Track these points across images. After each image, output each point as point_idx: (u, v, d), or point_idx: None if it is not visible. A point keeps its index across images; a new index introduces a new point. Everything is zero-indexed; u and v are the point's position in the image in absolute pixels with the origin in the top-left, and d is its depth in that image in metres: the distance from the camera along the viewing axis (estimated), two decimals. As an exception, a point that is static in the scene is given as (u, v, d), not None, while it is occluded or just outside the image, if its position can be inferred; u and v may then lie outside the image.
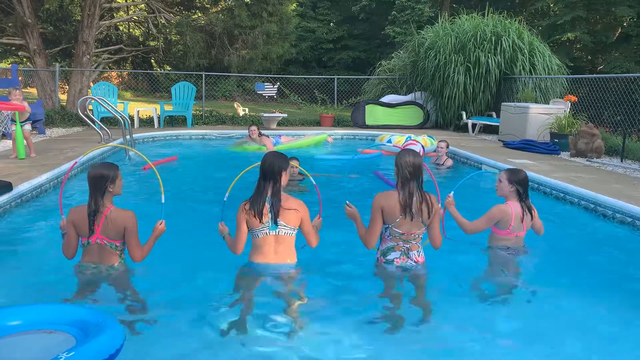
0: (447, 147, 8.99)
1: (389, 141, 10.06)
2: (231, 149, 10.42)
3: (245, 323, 3.17)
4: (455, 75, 13.52)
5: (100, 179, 3.47)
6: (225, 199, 3.71)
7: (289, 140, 10.97)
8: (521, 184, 4.15)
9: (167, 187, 3.93)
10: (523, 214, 4.13)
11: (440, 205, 3.83)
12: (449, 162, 8.89)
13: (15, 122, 7.67)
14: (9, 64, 19.93)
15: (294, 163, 7.07)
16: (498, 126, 12.46)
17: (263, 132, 10.73)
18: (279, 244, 3.53)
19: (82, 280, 3.55)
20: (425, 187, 3.61)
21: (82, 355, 2.18)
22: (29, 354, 2.40)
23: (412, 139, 9.83)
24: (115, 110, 10.07)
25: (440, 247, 3.69)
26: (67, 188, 6.65)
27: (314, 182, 3.92)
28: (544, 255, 4.60)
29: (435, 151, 9.29)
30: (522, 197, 4.15)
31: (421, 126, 14.41)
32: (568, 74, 14.22)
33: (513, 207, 4.14)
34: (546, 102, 12.78)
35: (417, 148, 9.26)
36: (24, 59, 17.90)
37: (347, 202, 3.79)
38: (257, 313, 3.28)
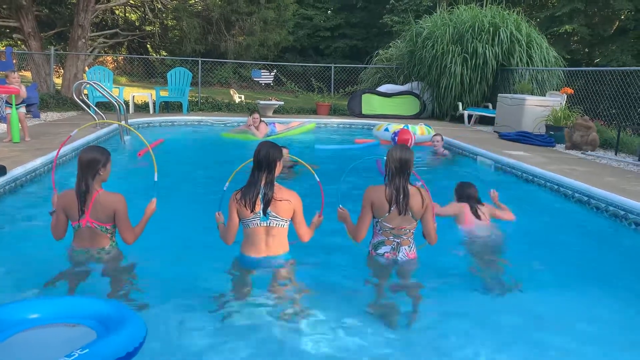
0: (442, 139, 9.17)
1: (386, 130, 10.07)
2: (230, 135, 10.34)
3: (236, 314, 3.18)
4: (453, 66, 13.50)
5: (93, 161, 3.46)
6: (225, 188, 3.69)
7: (283, 128, 10.95)
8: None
9: (163, 177, 3.94)
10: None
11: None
12: (446, 153, 9.11)
13: (9, 105, 7.63)
14: (4, 46, 19.75)
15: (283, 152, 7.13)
16: (494, 117, 12.47)
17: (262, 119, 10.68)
18: (270, 235, 3.49)
19: (73, 265, 3.56)
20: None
21: (97, 353, 2.12)
22: (50, 347, 2.34)
23: (409, 127, 9.82)
24: (111, 95, 10.02)
25: (436, 242, 3.68)
26: (63, 172, 6.63)
27: (318, 179, 3.81)
28: (535, 247, 4.65)
29: (431, 140, 9.40)
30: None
31: (417, 116, 14.40)
32: (565, 67, 14.21)
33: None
34: (542, 94, 12.80)
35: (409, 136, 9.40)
36: (19, 42, 17.70)
37: (340, 205, 3.77)
38: (249, 305, 3.28)
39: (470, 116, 13.38)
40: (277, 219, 3.46)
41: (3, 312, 2.48)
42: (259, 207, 3.41)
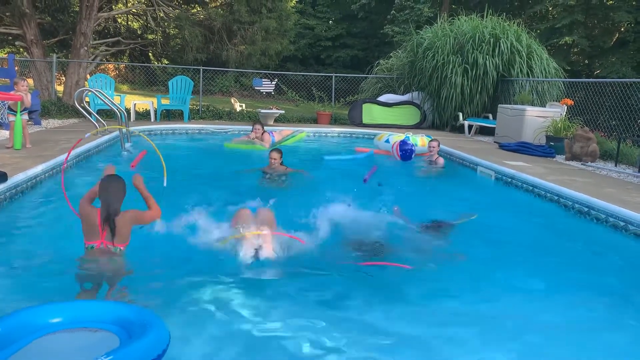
0: (439, 145, 9.12)
1: (387, 141, 10.08)
2: (234, 146, 10.15)
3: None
4: (453, 76, 13.55)
5: (122, 190, 3.63)
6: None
7: (279, 137, 10.95)
8: None
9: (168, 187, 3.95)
10: None
11: None
12: (441, 161, 8.99)
13: (11, 112, 7.65)
14: (6, 53, 19.82)
15: (274, 155, 7.15)
16: (494, 128, 12.50)
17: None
18: None
19: (80, 272, 3.58)
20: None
21: None
22: (72, 353, 2.33)
23: (410, 138, 9.82)
24: (112, 102, 10.04)
25: None
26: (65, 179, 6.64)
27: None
28: (535, 256, 4.65)
29: (428, 151, 9.37)
30: None
31: (418, 126, 14.43)
32: (565, 78, 14.26)
33: None
34: (543, 105, 12.83)
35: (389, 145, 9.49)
36: (21, 49, 17.77)
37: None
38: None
39: (470, 126, 13.41)
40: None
41: (25, 316, 2.46)
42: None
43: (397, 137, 10.05)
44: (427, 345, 3.04)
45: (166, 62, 22.36)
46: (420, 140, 9.95)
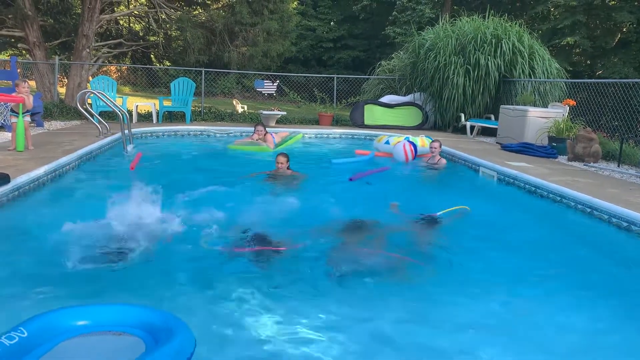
0: (440, 146, 9.08)
1: (387, 142, 10.07)
2: (238, 147, 10.08)
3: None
4: (455, 77, 13.54)
5: None
6: None
7: (279, 139, 10.95)
8: None
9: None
10: None
11: None
12: (443, 162, 8.98)
13: (14, 113, 7.66)
14: (8, 56, 19.87)
15: (281, 159, 7.16)
16: (496, 129, 12.48)
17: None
18: None
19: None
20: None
21: None
22: (98, 357, 2.31)
23: (410, 139, 9.81)
24: (114, 104, 10.05)
25: None
26: (63, 183, 6.66)
27: None
28: (537, 257, 4.64)
29: (429, 151, 9.35)
30: None
31: (420, 127, 14.43)
32: (567, 78, 14.25)
33: None
34: (545, 105, 12.82)
35: (400, 147, 9.41)
36: (23, 51, 17.81)
37: None
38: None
39: (472, 127, 13.40)
40: None
41: (50, 319, 2.44)
42: None
43: (396, 139, 10.04)
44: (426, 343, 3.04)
45: (168, 64, 22.39)
46: (420, 141, 9.94)
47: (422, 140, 10.01)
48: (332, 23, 29.77)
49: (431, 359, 2.94)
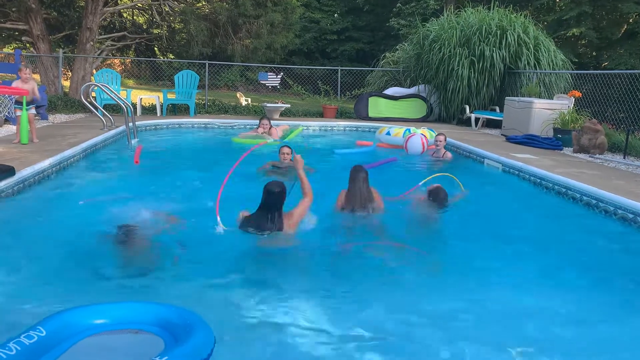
0: (445, 140, 8.98)
1: (388, 133, 10.04)
2: (242, 141, 9.94)
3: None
4: (460, 69, 13.47)
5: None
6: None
7: (281, 133, 10.91)
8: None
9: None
10: None
11: None
12: (448, 155, 8.87)
13: (19, 106, 7.66)
14: (12, 49, 19.88)
15: (286, 150, 7.14)
16: (501, 120, 12.43)
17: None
18: None
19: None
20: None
21: None
22: (118, 355, 2.31)
23: (412, 132, 9.75)
24: (118, 97, 10.05)
25: None
26: (70, 173, 6.67)
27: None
28: (542, 248, 4.63)
29: (434, 144, 9.24)
30: None
31: (424, 119, 14.37)
32: (573, 70, 14.15)
33: None
34: (550, 97, 12.74)
35: (417, 139, 9.24)
36: (27, 45, 17.82)
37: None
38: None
39: (477, 119, 13.35)
40: None
41: (69, 318, 2.43)
42: None
43: (397, 129, 9.99)
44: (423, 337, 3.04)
45: (172, 57, 22.36)
46: (422, 133, 9.87)
47: (425, 133, 9.95)
48: (336, 15, 29.62)
49: (432, 348, 2.93)
